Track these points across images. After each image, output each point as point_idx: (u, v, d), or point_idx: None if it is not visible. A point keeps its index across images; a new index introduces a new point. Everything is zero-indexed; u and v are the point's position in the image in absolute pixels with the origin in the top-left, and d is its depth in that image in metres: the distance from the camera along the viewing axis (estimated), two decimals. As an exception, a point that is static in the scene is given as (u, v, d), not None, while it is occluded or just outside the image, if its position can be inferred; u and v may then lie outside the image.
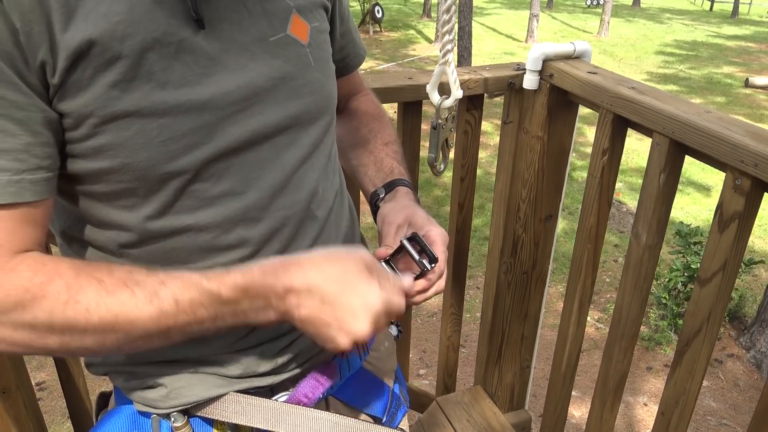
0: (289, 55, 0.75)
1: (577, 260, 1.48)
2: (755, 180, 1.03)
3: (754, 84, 9.87)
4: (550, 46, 1.46)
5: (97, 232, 0.73)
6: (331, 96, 0.84)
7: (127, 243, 0.72)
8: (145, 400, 0.80)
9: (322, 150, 0.83)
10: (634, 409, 3.04)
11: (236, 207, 0.74)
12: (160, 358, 0.78)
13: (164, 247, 0.72)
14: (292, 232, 0.79)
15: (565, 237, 4.66)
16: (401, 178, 0.95)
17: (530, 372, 1.89)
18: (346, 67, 0.99)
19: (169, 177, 0.68)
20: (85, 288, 0.61)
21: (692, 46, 14.25)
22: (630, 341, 1.38)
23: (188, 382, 0.79)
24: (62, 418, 2.64)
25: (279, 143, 0.76)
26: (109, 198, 0.69)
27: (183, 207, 0.71)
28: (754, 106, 8.83)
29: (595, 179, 1.39)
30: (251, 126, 0.72)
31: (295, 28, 0.76)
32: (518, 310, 1.77)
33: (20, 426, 1.34)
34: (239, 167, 0.73)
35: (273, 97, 0.74)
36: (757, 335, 3.41)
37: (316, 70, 0.79)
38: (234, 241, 0.75)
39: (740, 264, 1.12)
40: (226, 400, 0.80)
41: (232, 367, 0.80)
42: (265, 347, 0.81)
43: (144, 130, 0.64)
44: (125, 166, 0.66)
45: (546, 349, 3.30)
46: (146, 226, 0.71)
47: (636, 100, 1.23)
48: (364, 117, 1.04)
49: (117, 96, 0.63)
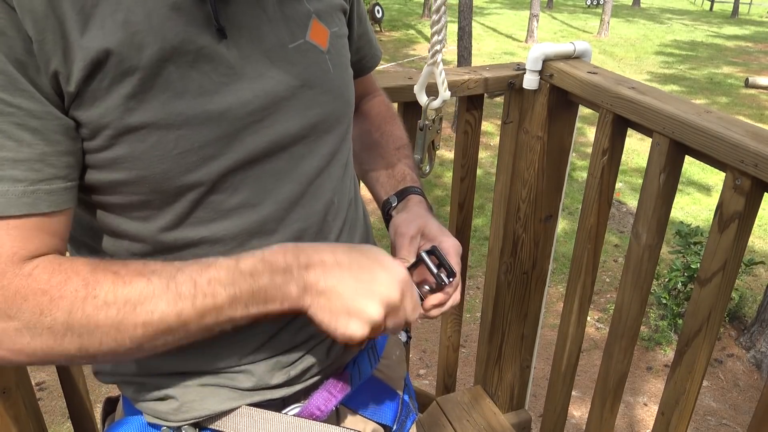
0: (309, 62, 0.74)
1: (577, 260, 1.48)
2: (755, 180, 1.03)
3: (755, 84, 9.87)
4: (550, 46, 1.46)
5: (109, 240, 0.71)
6: (349, 102, 0.82)
7: (140, 253, 0.70)
8: (155, 412, 0.78)
9: (339, 159, 0.81)
10: (634, 409, 3.04)
11: (252, 219, 0.72)
12: (171, 370, 0.76)
13: (177, 259, 0.68)
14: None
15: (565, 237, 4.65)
16: (413, 185, 0.93)
17: (530, 372, 1.89)
18: (362, 69, 0.97)
19: (186, 189, 0.67)
20: (102, 282, 0.60)
21: (692, 46, 14.24)
22: (630, 341, 1.38)
23: (200, 395, 0.77)
24: (62, 418, 2.64)
25: (297, 153, 0.74)
26: (123, 209, 0.68)
27: (198, 219, 0.70)
28: (756, 107, 8.83)
29: (595, 179, 1.39)
30: (269, 136, 0.71)
31: (314, 34, 0.75)
32: (518, 310, 1.77)
33: (20, 426, 1.34)
34: (256, 178, 0.71)
35: (291, 105, 0.72)
36: (757, 335, 3.41)
37: (335, 76, 0.77)
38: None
39: (740, 264, 1.12)
40: (238, 413, 0.78)
41: (244, 380, 0.78)
42: (278, 359, 0.79)
43: (161, 142, 0.63)
44: (141, 179, 0.64)
45: (546, 349, 3.30)
46: (160, 238, 0.69)
47: (636, 100, 1.23)
48: (377, 119, 1.02)
49: (134, 107, 0.61)
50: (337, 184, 0.81)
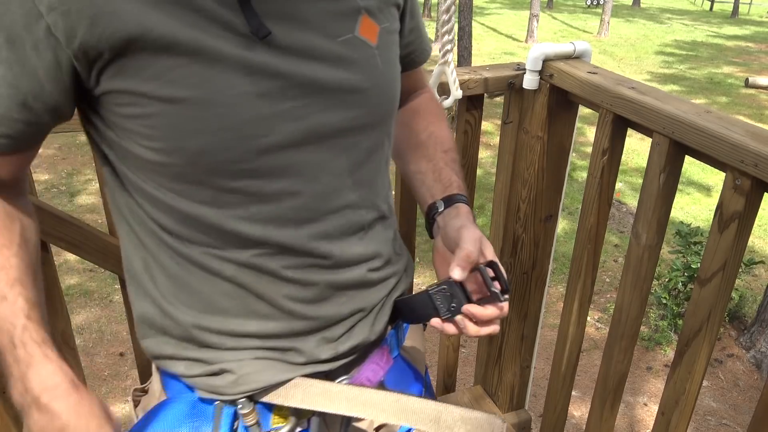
0: (357, 56, 0.74)
1: (577, 260, 1.48)
2: (755, 180, 1.03)
3: (755, 84, 9.87)
4: (550, 46, 1.46)
5: (160, 215, 0.75)
6: (395, 99, 0.83)
7: (171, 225, 0.74)
8: (210, 387, 0.80)
9: (380, 154, 0.82)
10: (634, 409, 3.04)
11: (288, 206, 0.74)
12: (227, 346, 0.79)
13: (219, 240, 0.74)
14: (341, 235, 0.79)
15: (565, 237, 4.66)
16: (460, 193, 0.92)
17: (530, 372, 1.89)
18: (411, 63, 0.95)
19: (221, 167, 0.69)
20: None
21: (692, 46, 14.25)
22: (630, 341, 1.38)
23: (255, 368, 0.80)
24: (62, 418, 2.64)
25: (338, 145, 0.75)
26: (164, 180, 0.71)
27: (236, 200, 0.72)
28: (755, 106, 8.83)
29: (595, 179, 1.39)
30: (308, 124, 0.72)
31: (364, 29, 0.75)
32: (518, 310, 1.77)
33: (20, 426, 1.33)
34: (295, 166, 0.73)
35: (335, 97, 0.73)
36: (757, 335, 3.41)
37: (383, 72, 0.78)
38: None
39: (740, 264, 1.12)
40: (292, 384, 0.81)
41: (296, 356, 0.81)
42: (325, 333, 0.82)
43: (197, 117, 0.66)
44: (178, 150, 0.67)
45: (546, 349, 3.30)
46: (200, 215, 0.72)
47: (636, 100, 1.23)
48: (425, 118, 1.00)
49: (172, 80, 0.64)
50: (374, 179, 0.82)
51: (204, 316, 0.78)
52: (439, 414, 0.80)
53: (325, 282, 0.80)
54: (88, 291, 3.63)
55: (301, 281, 0.78)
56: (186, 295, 0.78)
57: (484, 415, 0.80)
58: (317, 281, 0.79)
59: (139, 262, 0.79)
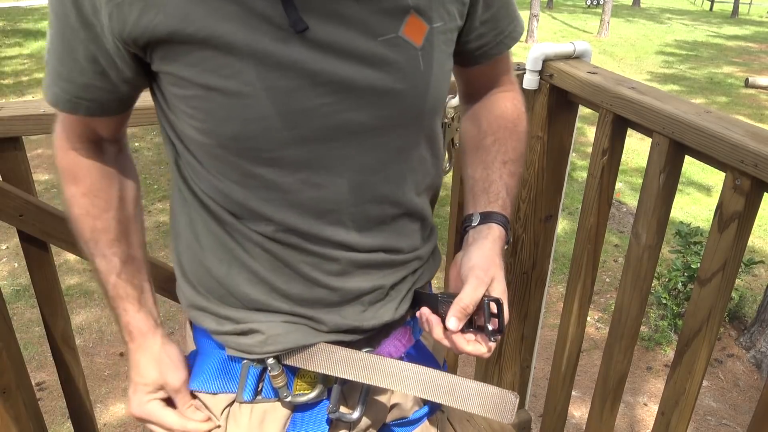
0: (396, 57, 0.73)
1: (577, 260, 1.48)
2: (755, 180, 1.03)
3: (755, 84, 9.86)
4: (550, 46, 1.46)
5: (192, 173, 0.80)
6: (436, 100, 0.80)
7: (209, 194, 0.79)
8: (239, 345, 0.84)
9: (412, 155, 0.81)
10: (634, 409, 3.03)
11: (311, 197, 0.76)
12: (257, 307, 0.83)
13: (247, 224, 0.79)
14: (360, 228, 0.80)
15: (565, 237, 4.65)
16: (501, 212, 0.88)
17: (530, 372, 1.89)
18: (483, 56, 0.90)
19: (249, 153, 0.72)
20: (92, 208, 0.86)
21: (692, 46, 14.25)
22: (630, 341, 1.38)
23: (284, 330, 0.83)
24: (62, 418, 2.64)
25: (367, 142, 0.75)
26: (202, 154, 0.76)
27: (261, 185, 0.75)
28: (755, 106, 8.83)
29: (595, 179, 1.39)
30: (338, 120, 0.72)
31: (409, 29, 0.73)
32: (518, 310, 1.77)
33: (20, 426, 1.34)
34: (321, 159, 0.74)
35: (368, 95, 0.72)
36: (757, 335, 3.41)
37: (424, 74, 0.76)
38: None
39: (740, 264, 1.12)
40: (317, 349, 0.84)
41: (320, 325, 0.84)
42: (347, 308, 0.84)
43: (229, 105, 0.69)
44: (212, 132, 0.72)
45: (546, 349, 3.30)
46: (226, 190, 0.77)
47: (636, 100, 1.23)
48: (496, 122, 0.95)
49: (208, 70, 0.68)
50: (404, 176, 0.81)
51: (236, 274, 0.82)
52: (455, 386, 0.82)
53: (346, 259, 0.81)
54: (88, 291, 3.63)
55: (323, 256, 0.81)
56: (221, 252, 0.82)
57: (497, 390, 0.82)
58: (338, 258, 0.81)
59: (185, 217, 0.84)
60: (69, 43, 0.72)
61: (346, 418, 0.88)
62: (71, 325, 1.44)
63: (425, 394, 0.82)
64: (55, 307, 1.39)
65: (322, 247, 0.80)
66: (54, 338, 1.42)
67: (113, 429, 2.62)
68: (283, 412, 0.88)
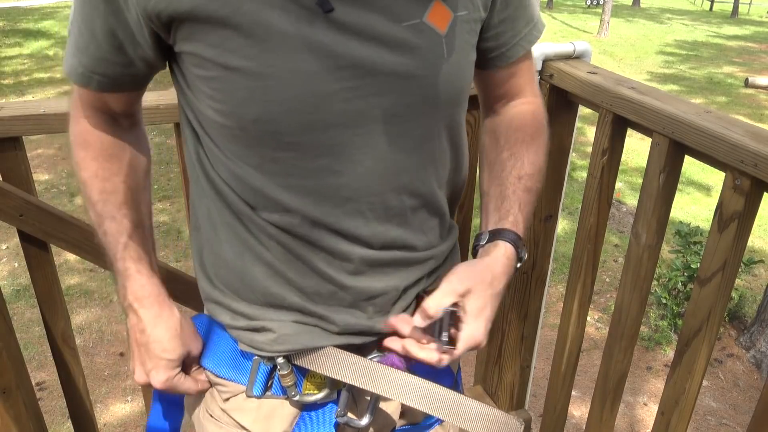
0: (420, 43, 0.72)
1: (577, 260, 1.48)
2: (755, 180, 1.03)
3: (755, 84, 9.86)
4: (550, 46, 1.46)
5: (211, 153, 0.80)
6: (460, 90, 0.80)
7: (227, 181, 0.79)
8: (251, 341, 0.84)
9: (435, 144, 0.80)
10: (634, 409, 3.03)
11: (329, 184, 0.75)
12: (271, 301, 0.83)
13: (263, 210, 0.78)
14: (377, 218, 0.79)
15: (565, 237, 4.65)
16: (511, 229, 0.86)
17: (530, 372, 1.89)
18: (500, 58, 0.88)
19: (269, 136, 0.72)
20: (100, 172, 0.86)
21: (692, 46, 14.24)
22: (630, 341, 1.38)
23: (294, 330, 0.83)
24: (62, 418, 2.64)
25: (387, 130, 0.74)
26: (222, 138, 0.76)
27: (279, 171, 0.74)
28: (755, 106, 8.83)
29: (595, 179, 1.39)
30: (358, 106, 0.71)
31: (433, 15, 0.73)
32: (518, 310, 1.77)
33: (20, 426, 1.34)
34: (340, 145, 0.73)
35: (390, 82, 0.72)
36: (756, 335, 3.41)
37: (448, 62, 0.75)
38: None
39: (740, 264, 1.12)
40: (326, 353, 0.83)
41: (330, 325, 0.83)
42: (359, 308, 0.83)
43: (250, 86, 0.69)
44: (231, 113, 0.72)
45: (546, 349, 3.30)
46: (244, 175, 0.76)
47: (636, 100, 1.23)
48: (513, 135, 0.92)
49: (231, 50, 0.67)
50: (425, 167, 0.80)
51: (251, 266, 0.82)
52: (460, 405, 0.82)
53: (360, 257, 0.80)
54: (88, 291, 3.63)
55: (337, 252, 0.80)
56: (237, 244, 0.81)
57: (502, 414, 0.82)
58: (352, 255, 0.80)
59: (204, 209, 0.84)
60: (89, 15, 0.72)
61: (354, 423, 0.87)
62: (71, 325, 1.44)
63: (429, 409, 0.81)
64: (55, 307, 1.39)
65: (337, 241, 0.79)
66: (54, 338, 1.42)
67: (113, 429, 2.62)
68: (291, 410, 0.88)
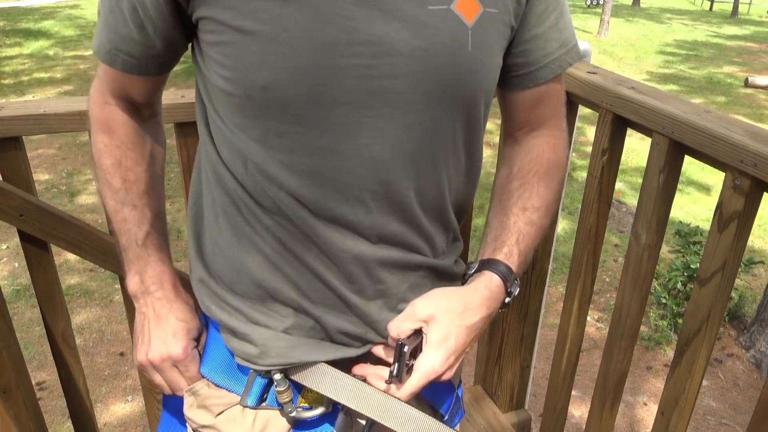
0: (444, 29, 0.70)
1: (577, 260, 1.48)
2: (755, 180, 1.03)
3: (754, 84, 9.86)
4: (550, 46, 1.46)
5: (217, 131, 0.79)
6: (480, 88, 0.77)
7: (228, 161, 0.78)
8: (245, 355, 0.83)
9: (448, 142, 0.78)
10: (634, 409, 3.04)
11: (332, 165, 0.72)
12: (265, 295, 0.82)
13: (260, 186, 0.76)
14: (378, 209, 0.76)
15: (565, 237, 4.65)
16: (503, 261, 0.82)
17: (530, 372, 1.89)
18: (527, 77, 0.84)
19: (275, 106, 0.70)
20: (122, 162, 0.87)
21: (692, 46, 14.24)
22: (630, 341, 1.38)
23: (287, 344, 0.81)
24: (62, 418, 2.64)
25: (401, 117, 0.72)
26: (227, 109, 0.74)
27: (283, 147, 0.73)
28: (755, 106, 8.83)
29: (594, 179, 1.39)
30: (371, 85, 0.69)
31: (461, 5, 0.71)
32: (518, 309, 1.77)
33: (20, 426, 1.34)
34: (349, 126, 0.70)
35: (407, 65, 0.69)
36: (756, 335, 3.41)
37: (471, 54, 0.73)
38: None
39: (740, 264, 1.12)
40: (321, 371, 0.82)
41: (324, 330, 0.82)
42: (351, 315, 0.82)
43: (262, 52, 0.68)
44: (239, 81, 0.70)
45: (546, 349, 3.30)
46: (246, 149, 0.74)
47: (636, 100, 1.23)
48: (527, 166, 0.89)
49: (247, 13, 0.67)
50: (434, 164, 0.77)
51: (247, 257, 0.80)
52: None
53: (353, 256, 0.77)
54: (88, 291, 3.63)
55: (330, 251, 0.77)
56: (237, 233, 0.81)
57: None
58: (345, 253, 0.77)
59: (209, 198, 0.84)
60: None
61: None
62: (71, 325, 1.44)
63: None
64: (55, 306, 1.39)
65: (332, 234, 0.76)
66: (54, 338, 1.42)
67: (113, 429, 2.62)
68: (285, 424, 0.86)
